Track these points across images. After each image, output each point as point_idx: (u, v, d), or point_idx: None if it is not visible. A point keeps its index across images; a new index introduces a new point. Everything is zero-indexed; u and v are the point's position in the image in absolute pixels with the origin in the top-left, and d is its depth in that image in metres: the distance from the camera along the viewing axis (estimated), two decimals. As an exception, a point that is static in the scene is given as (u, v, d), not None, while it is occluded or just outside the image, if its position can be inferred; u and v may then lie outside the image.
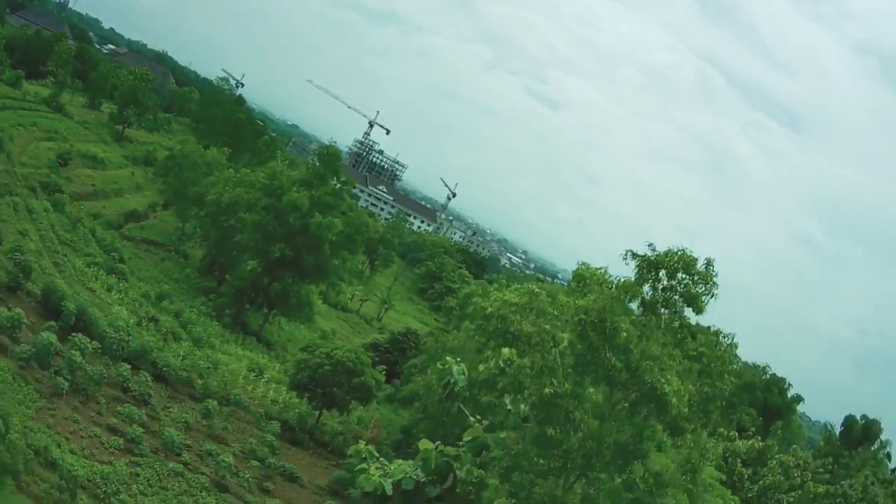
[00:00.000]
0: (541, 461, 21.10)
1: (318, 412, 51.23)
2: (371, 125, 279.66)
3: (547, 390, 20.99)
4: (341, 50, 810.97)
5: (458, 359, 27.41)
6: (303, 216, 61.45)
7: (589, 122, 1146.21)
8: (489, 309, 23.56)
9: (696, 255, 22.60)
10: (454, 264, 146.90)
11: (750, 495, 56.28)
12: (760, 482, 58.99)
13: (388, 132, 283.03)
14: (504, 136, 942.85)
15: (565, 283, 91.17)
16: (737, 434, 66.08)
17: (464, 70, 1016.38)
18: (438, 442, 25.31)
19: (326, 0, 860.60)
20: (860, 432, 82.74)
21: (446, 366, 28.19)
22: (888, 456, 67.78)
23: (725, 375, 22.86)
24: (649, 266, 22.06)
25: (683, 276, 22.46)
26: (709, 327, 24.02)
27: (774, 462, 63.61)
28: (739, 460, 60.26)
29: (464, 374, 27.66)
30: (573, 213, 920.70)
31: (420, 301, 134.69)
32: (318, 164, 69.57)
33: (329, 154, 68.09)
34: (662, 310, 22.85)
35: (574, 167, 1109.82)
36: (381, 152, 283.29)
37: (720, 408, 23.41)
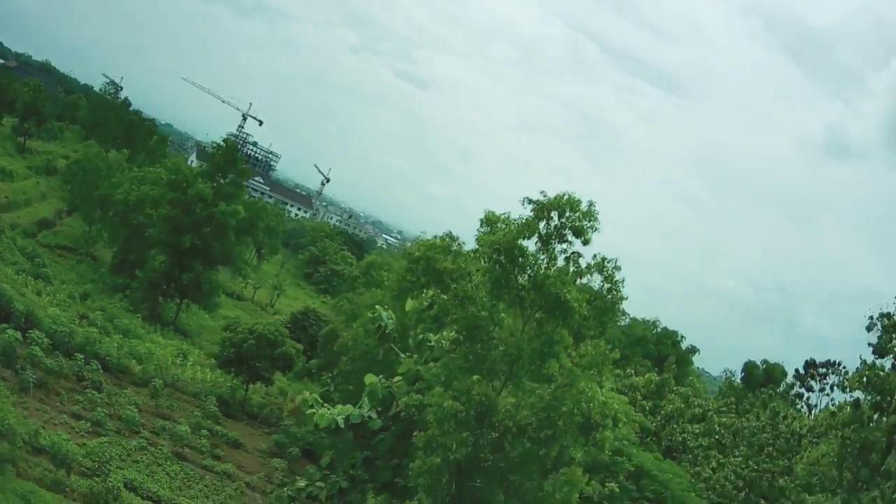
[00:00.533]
0: (473, 375, 25.78)
1: (245, 386, 54.99)
2: (244, 118, 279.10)
3: (470, 311, 25.83)
4: (214, 45, 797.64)
5: (385, 306, 32.46)
6: (208, 206, 64.52)
7: (460, 99, 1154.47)
8: (416, 253, 28.01)
9: (580, 198, 27.56)
10: (336, 247, 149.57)
11: (654, 425, 60.13)
12: (662, 411, 64.62)
13: (260, 123, 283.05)
14: (374, 119, 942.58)
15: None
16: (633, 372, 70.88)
17: (331, 55, 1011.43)
18: (381, 376, 30.48)
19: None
20: (762, 376, 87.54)
21: (376, 313, 33.37)
22: (798, 396, 67.79)
23: (615, 291, 27.93)
24: (543, 208, 26.79)
25: (570, 213, 27.25)
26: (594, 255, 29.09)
27: (673, 394, 69.59)
28: (639, 393, 65.39)
29: (392, 318, 32.90)
30: (446, 191, 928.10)
31: (307, 286, 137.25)
32: (217, 155, 72.30)
33: (228, 146, 71.28)
34: (556, 243, 27.71)
35: (446, 145, 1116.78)
36: (254, 144, 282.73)
37: (613, 319, 28.47)
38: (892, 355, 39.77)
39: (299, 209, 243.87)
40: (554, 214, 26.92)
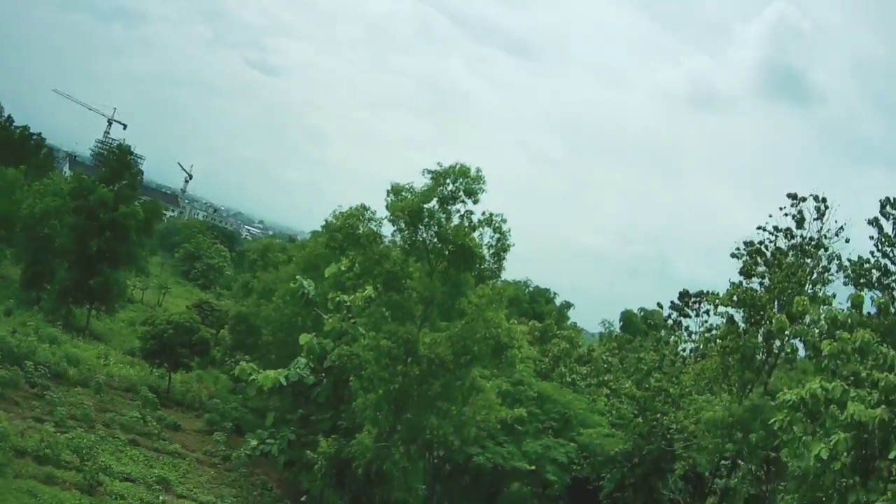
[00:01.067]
0: (394, 320, 30.91)
1: (168, 376, 58.54)
2: (110, 123, 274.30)
3: (386, 267, 30.96)
4: (78, 53, 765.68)
5: (306, 276, 37.76)
6: (109, 210, 67.14)
7: (312, 82, 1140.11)
8: (337, 223, 32.80)
9: (469, 166, 32.87)
10: (209, 242, 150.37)
11: (543, 367, 63.64)
12: (550, 353, 69.76)
13: (125, 127, 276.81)
14: (230, 112, 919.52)
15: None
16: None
17: (187, 52, 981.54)
18: (314, 333, 35.98)
19: (57, 6, 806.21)
20: (641, 322, 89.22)
21: (297, 283, 38.69)
22: (677, 323, 66.99)
23: (503, 240, 33.31)
24: (440, 176, 31.92)
25: (463, 179, 32.43)
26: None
27: (558, 338, 75.00)
28: (525, 340, 69.94)
29: (312, 285, 38.36)
30: (303, 176, 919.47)
31: (186, 283, 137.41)
32: (112, 160, 74.25)
33: (121, 150, 73.71)
34: (452, 205, 32.87)
35: (300, 130, 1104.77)
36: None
37: (504, 258, 33.91)
38: (757, 276, 46.05)
39: (168, 208, 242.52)
40: (448, 181, 32.06)
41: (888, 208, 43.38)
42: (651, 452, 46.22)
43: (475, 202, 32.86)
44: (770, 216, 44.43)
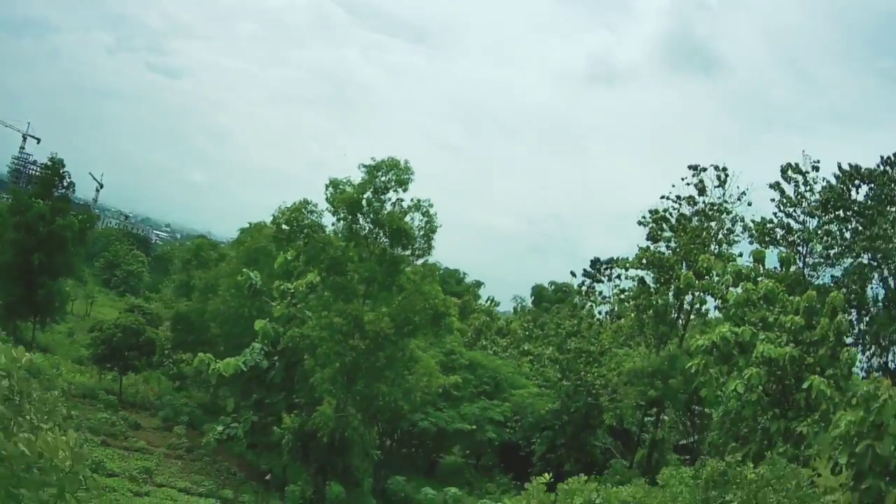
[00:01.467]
0: (340, 301, 34.44)
1: (119, 379, 60.84)
2: (24, 138, 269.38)
3: (330, 253, 34.48)
4: None
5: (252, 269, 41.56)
6: (47, 223, 68.78)
7: (213, 82, 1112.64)
8: (283, 217, 36.32)
9: (399, 159, 36.53)
10: (126, 248, 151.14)
11: (467, 339, 66.60)
12: (471, 326, 72.93)
13: (38, 141, 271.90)
14: (133, 117, 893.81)
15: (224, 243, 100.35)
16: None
17: (91, 60, 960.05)
18: (268, 318, 39.87)
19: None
20: (553, 296, 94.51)
21: (244, 276, 42.46)
22: (590, 289, 67.98)
23: (431, 222, 37.12)
24: (374, 169, 35.58)
25: (394, 171, 36.08)
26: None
27: (477, 311, 78.60)
28: None
29: (258, 276, 42.19)
30: (206, 176, 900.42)
31: (108, 291, 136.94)
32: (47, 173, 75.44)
33: (53, 163, 74.91)
34: (385, 194, 36.46)
35: (203, 131, 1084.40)
36: (34, 163, 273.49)
37: (433, 238, 37.60)
38: (663, 241, 50.07)
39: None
40: (381, 173, 35.68)
41: (789, 172, 48.12)
42: (579, 409, 49.90)
43: (405, 190, 36.63)
44: (673, 186, 48.71)
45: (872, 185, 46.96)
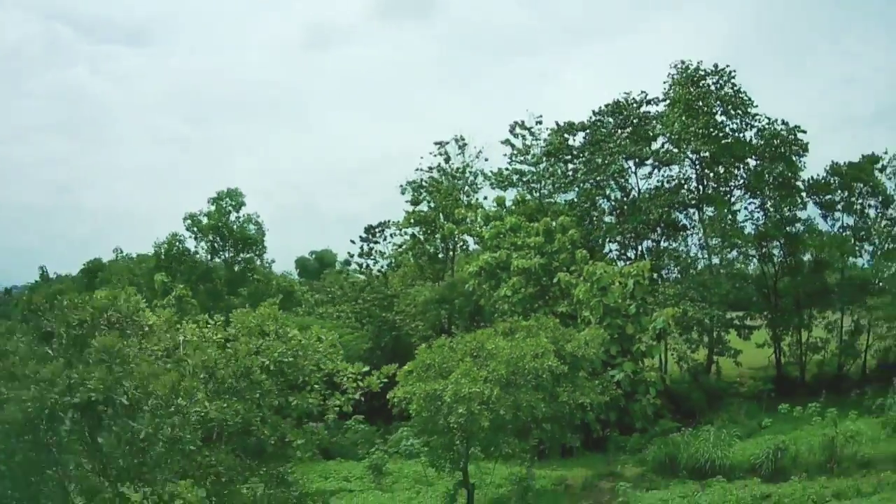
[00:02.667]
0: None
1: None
2: None
3: (201, 270, 46.26)
4: None
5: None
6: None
7: None
8: (162, 249, 47.70)
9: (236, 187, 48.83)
10: None
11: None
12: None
13: None
14: None
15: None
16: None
17: None
18: None
19: None
20: (316, 264, 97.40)
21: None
22: (368, 253, 66.09)
23: (260, 224, 49.66)
24: (219, 198, 47.51)
25: (234, 197, 48.44)
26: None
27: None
28: None
29: None
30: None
31: None
32: None
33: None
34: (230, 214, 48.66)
35: None
36: None
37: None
38: (424, 203, 57.99)
39: None
40: (225, 201, 47.71)
41: (517, 129, 56.58)
42: (388, 343, 54.94)
43: (239, 209, 48.97)
44: (422, 158, 58.28)
45: (587, 132, 54.00)
